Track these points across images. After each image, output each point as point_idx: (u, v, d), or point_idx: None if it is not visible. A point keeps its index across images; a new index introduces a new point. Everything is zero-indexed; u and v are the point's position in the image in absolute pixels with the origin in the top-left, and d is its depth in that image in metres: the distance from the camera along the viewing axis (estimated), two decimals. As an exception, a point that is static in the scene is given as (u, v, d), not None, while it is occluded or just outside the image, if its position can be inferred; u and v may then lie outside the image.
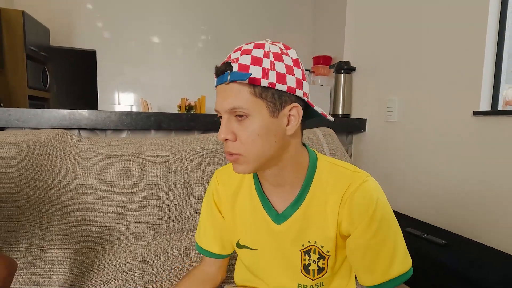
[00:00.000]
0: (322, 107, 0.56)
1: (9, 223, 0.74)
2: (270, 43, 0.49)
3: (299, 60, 0.51)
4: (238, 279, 0.72)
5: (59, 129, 0.94)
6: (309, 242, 0.55)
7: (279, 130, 0.49)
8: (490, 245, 0.98)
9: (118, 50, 4.04)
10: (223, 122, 0.49)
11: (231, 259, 0.74)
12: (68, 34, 3.81)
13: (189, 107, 3.05)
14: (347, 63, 1.70)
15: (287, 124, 0.49)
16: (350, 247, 0.53)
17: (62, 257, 0.77)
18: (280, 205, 0.57)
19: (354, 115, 1.69)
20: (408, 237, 1.06)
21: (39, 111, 1.09)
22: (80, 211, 0.83)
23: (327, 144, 1.24)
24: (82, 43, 3.90)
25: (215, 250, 0.65)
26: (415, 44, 1.26)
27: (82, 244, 0.80)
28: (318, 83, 3.71)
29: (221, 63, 0.49)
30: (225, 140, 0.49)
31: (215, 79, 0.50)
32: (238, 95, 0.47)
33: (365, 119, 1.60)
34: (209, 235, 0.66)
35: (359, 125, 1.62)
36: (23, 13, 2.88)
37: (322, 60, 4.00)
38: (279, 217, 0.56)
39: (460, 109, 1.09)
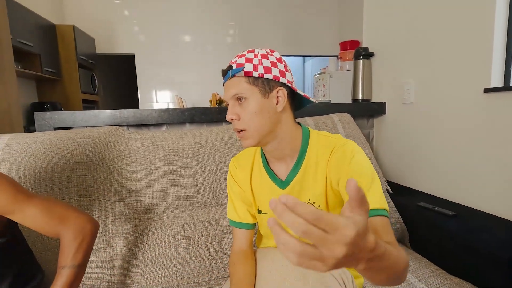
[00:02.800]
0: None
1: (84, 199, 0.97)
2: (259, 49, 0.67)
3: (282, 59, 0.68)
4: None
5: (113, 126, 1.16)
6: (307, 200, 0.69)
7: (271, 108, 0.65)
8: (495, 214, 1.03)
9: (153, 52, 4.37)
10: (229, 107, 0.66)
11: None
12: (110, 41, 4.20)
13: (220, 101, 3.25)
14: (365, 49, 1.74)
15: (277, 103, 0.65)
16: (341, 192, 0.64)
17: (123, 224, 0.99)
18: (283, 174, 0.71)
19: (375, 99, 1.74)
20: (419, 210, 1.14)
21: (96, 112, 1.33)
22: (134, 190, 1.05)
23: (343, 128, 1.34)
24: (122, 48, 4.26)
25: (249, 220, 0.79)
26: (428, 24, 1.29)
27: (137, 215, 1.02)
28: (346, 68, 3.68)
29: (225, 68, 0.67)
30: (232, 119, 0.65)
31: (223, 79, 0.68)
32: (238, 85, 0.64)
33: (384, 103, 1.64)
34: (242, 209, 0.79)
35: (379, 109, 1.66)
36: (74, 27, 3.26)
37: (349, 45, 3.95)
38: (283, 183, 0.71)
39: (471, 87, 1.12)
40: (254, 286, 0.69)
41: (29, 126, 2.75)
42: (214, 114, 1.42)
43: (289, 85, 0.66)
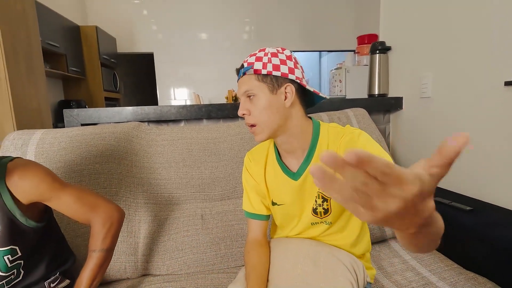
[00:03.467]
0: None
1: (110, 190, 1.04)
2: (270, 48, 0.70)
3: (292, 56, 0.71)
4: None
5: (135, 122, 1.23)
6: (318, 190, 0.71)
7: (279, 104, 0.68)
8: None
9: (171, 50, 4.47)
10: (241, 102, 0.71)
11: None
12: (130, 40, 4.34)
13: (236, 98, 3.30)
14: (382, 43, 1.71)
15: (285, 99, 0.68)
16: None
17: (145, 214, 1.05)
18: (294, 166, 0.74)
19: (391, 94, 1.71)
20: (436, 205, 1.13)
21: (119, 109, 1.40)
22: (155, 182, 1.11)
23: (358, 123, 1.34)
24: (141, 47, 4.40)
25: (264, 211, 0.82)
26: (447, 16, 1.26)
27: (158, 206, 1.08)
28: (363, 63, 3.62)
29: (239, 67, 0.72)
30: (243, 114, 0.70)
31: (237, 77, 0.72)
32: (248, 82, 0.69)
33: (401, 97, 1.62)
34: (257, 202, 0.82)
35: (396, 104, 1.64)
36: (96, 27, 3.40)
37: (367, 39, 3.87)
38: (295, 175, 0.73)
39: (491, 80, 1.09)
40: (268, 273, 0.73)
41: (57, 123, 2.92)
42: (230, 110, 1.46)
43: (298, 81, 0.69)
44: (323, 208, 0.72)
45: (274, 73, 0.67)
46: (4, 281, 0.70)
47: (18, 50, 1.98)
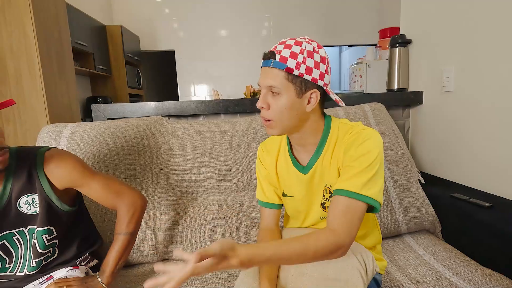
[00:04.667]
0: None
1: (133, 179, 1.11)
2: (306, 42, 0.66)
3: (326, 58, 0.68)
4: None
5: (157, 116, 1.29)
6: (325, 184, 0.73)
7: (301, 107, 0.67)
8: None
9: (191, 47, 4.57)
10: (262, 94, 0.68)
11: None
12: (153, 39, 4.47)
13: (254, 93, 3.33)
14: (402, 36, 1.68)
15: (307, 103, 0.67)
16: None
17: (166, 203, 1.11)
18: (305, 160, 0.76)
19: (411, 88, 1.68)
20: (453, 201, 1.11)
21: (142, 104, 1.48)
22: (175, 173, 1.17)
23: (374, 118, 1.33)
24: (163, 45, 4.53)
25: (276, 200, 0.85)
26: (470, 7, 1.21)
27: (178, 195, 1.14)
28: (385, 57, 3.54)
29: (268, 51, 0.67)
30: (262, 107, 0.68)
31: (262, 61, 0.68)
32: (276, 78, 0.65)
33: (422, 92, 1.58)
34: (270, 191, 0.85)
35: (416, 98, 1.60)
36: (121, 27, 3.54)
37: (389, 32, 3.77)
38: (304, 169, 0.75)
39: (516, 73, 1.05)
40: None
41: (85, 118, 3.09)
42: (247, 105, 1.50)
43: (324, 88, 0.67)
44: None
45: (306, 76, 0.64)
46: (42, 258, 0.78)
47: (51, 50, 2.12)
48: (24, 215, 0.74)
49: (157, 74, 5.83)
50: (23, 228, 0.75)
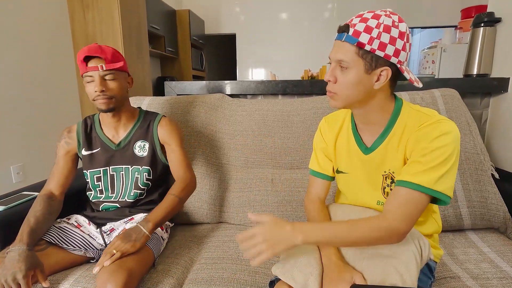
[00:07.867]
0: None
1: (198, 150, 1.23)
2: (386, 15, 0.62)
3: (406, 33, 0.63)
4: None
5: (220, 94, 1.39)
6: (388, 169, 0.72)
7: (368, 84, 0.65)
8: None
9: (252, 31, 4.63)
10: (331, 67, 0.68)
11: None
12: (216, 22, 4.65)
13: (312, 78, 3.27)
14: (490, 14, 1.47)
15: (376, 81, 0.65)
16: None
17: (224, 173, 1.21)
18: (369, 140, 0.75)
19: (495, 74, 1.48)
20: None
21: (207, 82, 1.59)
22: (234, 146, 1.26)
23: (444, 104, 1.23)
24: (225, 28, 4.67)
25: (330, 172, 0.86)
26: None
27: (234, 167, 1.23)
28: (466, 41, 3.14)
29: (344, 24, 0.65)
30: (328, 80, 0.68)
31: (336, 34, 0.67)
32: (346, 52, 0.64)
33: (508, 78, 1.38)
34: (324, 161, 0.86)
35: (499, 85, 1.41)
36: (189, 11, 3.75)
37: (474, 12, 3.32)
38: (367, 150, 0.75)
39: None
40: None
41: (156, 95, 3.41)
42: (306, 86, 1.51)
43: (398, 65, 0.64)
44: (391, 189, 0.72)
45: (378, 52, 0.61)
46: (139, 191, 1.00)
47: (132, 33, 2.39)
48: (135, 156, 1.00)
49: (218, 57, 6.07)
50: (129, 166, 0.99)
